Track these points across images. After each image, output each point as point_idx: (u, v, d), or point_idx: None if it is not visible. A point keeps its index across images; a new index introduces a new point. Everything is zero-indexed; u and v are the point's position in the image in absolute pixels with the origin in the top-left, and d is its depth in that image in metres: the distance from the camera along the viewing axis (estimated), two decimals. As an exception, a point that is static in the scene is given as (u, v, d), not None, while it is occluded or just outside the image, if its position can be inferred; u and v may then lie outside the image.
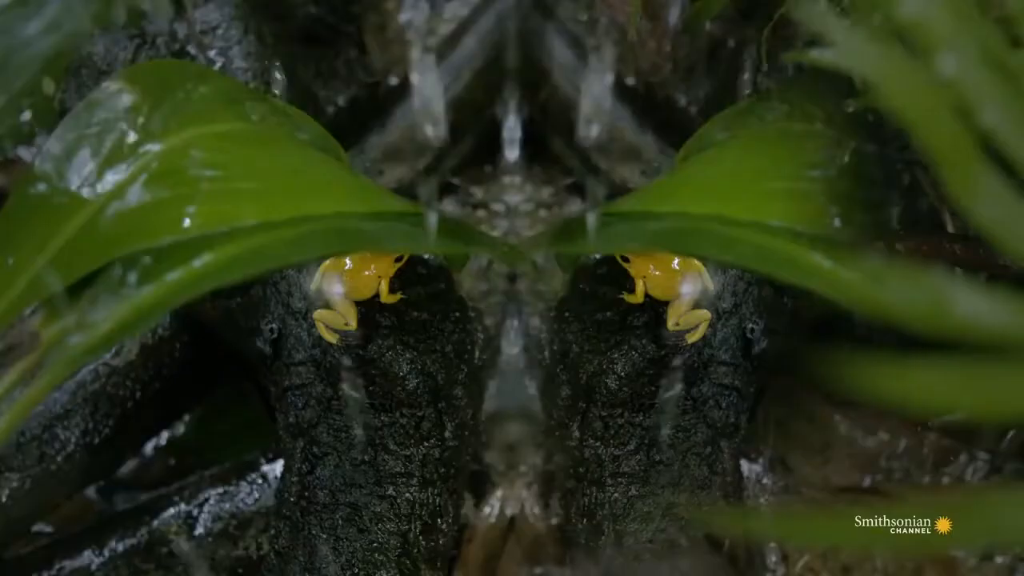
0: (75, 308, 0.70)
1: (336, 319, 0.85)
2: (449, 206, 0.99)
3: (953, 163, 0.62)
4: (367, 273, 0.84)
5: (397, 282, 0.86)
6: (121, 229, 0.72)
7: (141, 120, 0.74)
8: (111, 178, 0.73)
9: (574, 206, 1.00)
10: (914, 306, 0.60)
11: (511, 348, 0.94)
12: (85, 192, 0.73)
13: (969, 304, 0.58)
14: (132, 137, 0.74)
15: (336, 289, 0.84)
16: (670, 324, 0.84)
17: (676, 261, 0.84)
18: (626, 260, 0.84)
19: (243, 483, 0.96)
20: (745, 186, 0.78)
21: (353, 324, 0.84)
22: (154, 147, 0.74)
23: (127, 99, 0.75)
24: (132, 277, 0.70)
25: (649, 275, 0.84)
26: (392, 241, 0.73)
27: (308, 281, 0.87)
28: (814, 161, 0.81)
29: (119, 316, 0.69)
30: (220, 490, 0.95)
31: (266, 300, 0.90)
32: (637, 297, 0.84)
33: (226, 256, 0.69)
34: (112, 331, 0.69)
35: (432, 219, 0.73)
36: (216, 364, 1.00)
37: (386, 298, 0.85)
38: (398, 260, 0.84)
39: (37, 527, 0.96)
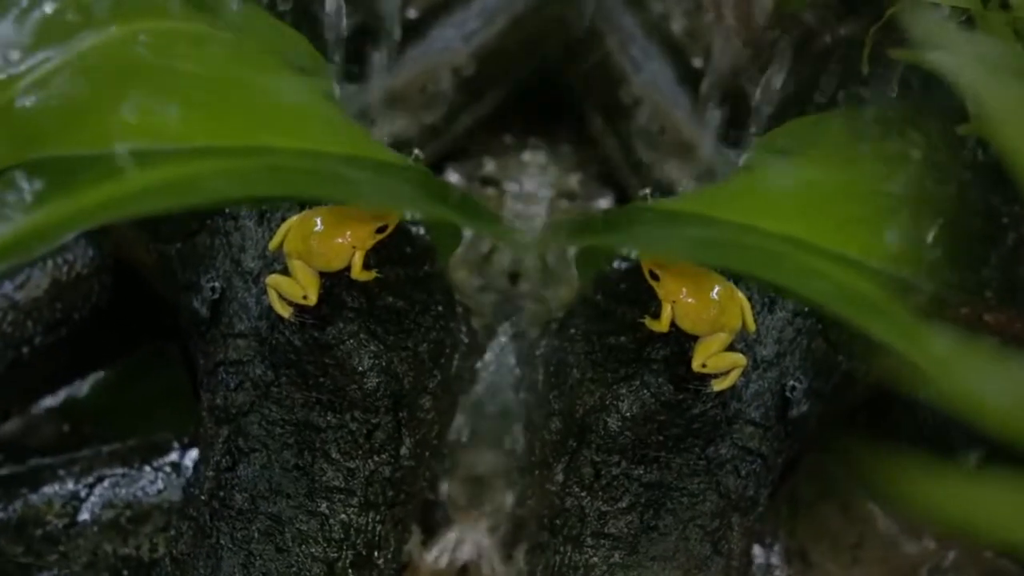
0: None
1: (293, 289, 0.80)
2: (452, 175, 0.96)
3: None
4: (340, 240, 0.79)
5: (375, 257, 0.81)
6: (36, 127, 0.67)
7: (84, -1, 0.71)
8: (35, 64, 0.68)
9: (605, 201, 0.98)
10: (998, 402, 0.56)
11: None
12: (-1, 75, 0.68)
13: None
14: (70, 18, 0.69)
15: (299, 252, 0.79)
16: (695, 364, 0.80)
17: (717, 289, 0.79)
18: (655, 277, 0.79)
19: (147, 468, 0.93)
20: (828, 207, 0.73)
21: (313, 298, 0.80)
22: (94, 34, 0.69)
23: (72, -29, 0.71)
24: (37, 186, 0.64)
25: (680, 300, 0.79)
26: (373, 194, 0.67)
27: (267, 236, 0.84)
28: (908, 194, 0.78)
29: (12, 231, 0.63)
30: (118, 471, 0.92)
31: (212, 251, 0.87)
32: (661, 325, 0.80)
33: (161, 178, 0.64)
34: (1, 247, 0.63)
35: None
36: (140, 319, 0.97)
37: (358, 274, 0.80)
38: (380, 231, 0.80)
39: None
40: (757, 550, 0.92)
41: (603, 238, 0.76)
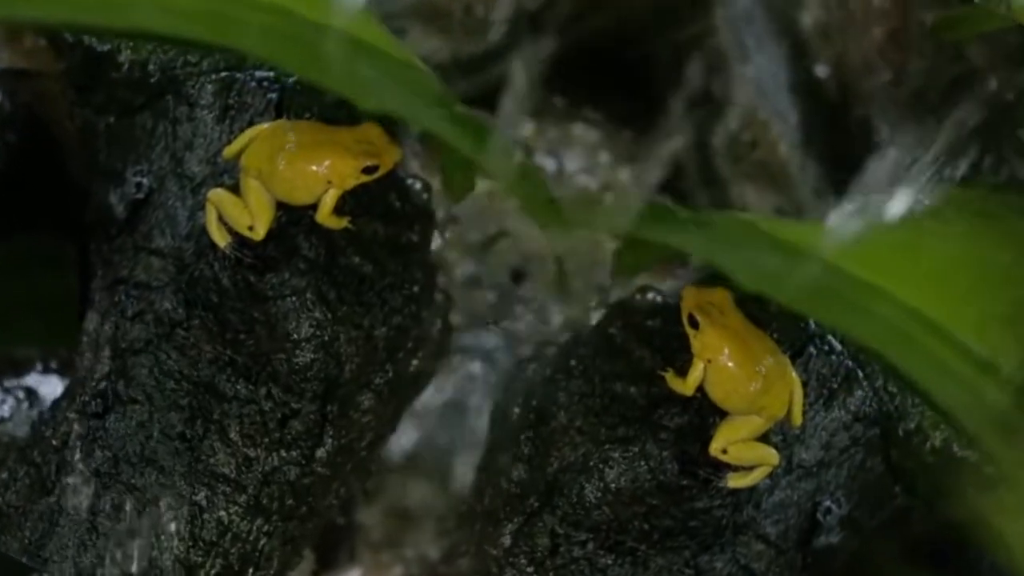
0: None
1: (239, 214, 0.77)
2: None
3: None
4: (315, 169, 0.76)
5: (352, 202, 0.78)
6: None
7: None
8: None
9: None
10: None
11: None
12: None
13: None
14: None
15: (259, 171, 0.76)
16: (714, 447, 0.76)
17: (767, 360, 0.74)
18: (695, 324, 0.75)
19: (-4, 388, 0.84)
20: (966, 290, 0.69)
21: (260, 232, 0.77)
22: None
23: None
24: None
25: (718, 362, 0.75)
26: (358, 84, 0.60)
27: (225, 139, 0.80)
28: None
29: None
30: (-39, 384, 0.85)
31: (151, 138, 0.83)
32: (686, 386, 0.76)
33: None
34: None
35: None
36: (38, 200, 0.95)
37: (325, 218, 0.77)
38: (368, 171, 0.76)
39: None
40: None
41: (670, 233, 0.71)
